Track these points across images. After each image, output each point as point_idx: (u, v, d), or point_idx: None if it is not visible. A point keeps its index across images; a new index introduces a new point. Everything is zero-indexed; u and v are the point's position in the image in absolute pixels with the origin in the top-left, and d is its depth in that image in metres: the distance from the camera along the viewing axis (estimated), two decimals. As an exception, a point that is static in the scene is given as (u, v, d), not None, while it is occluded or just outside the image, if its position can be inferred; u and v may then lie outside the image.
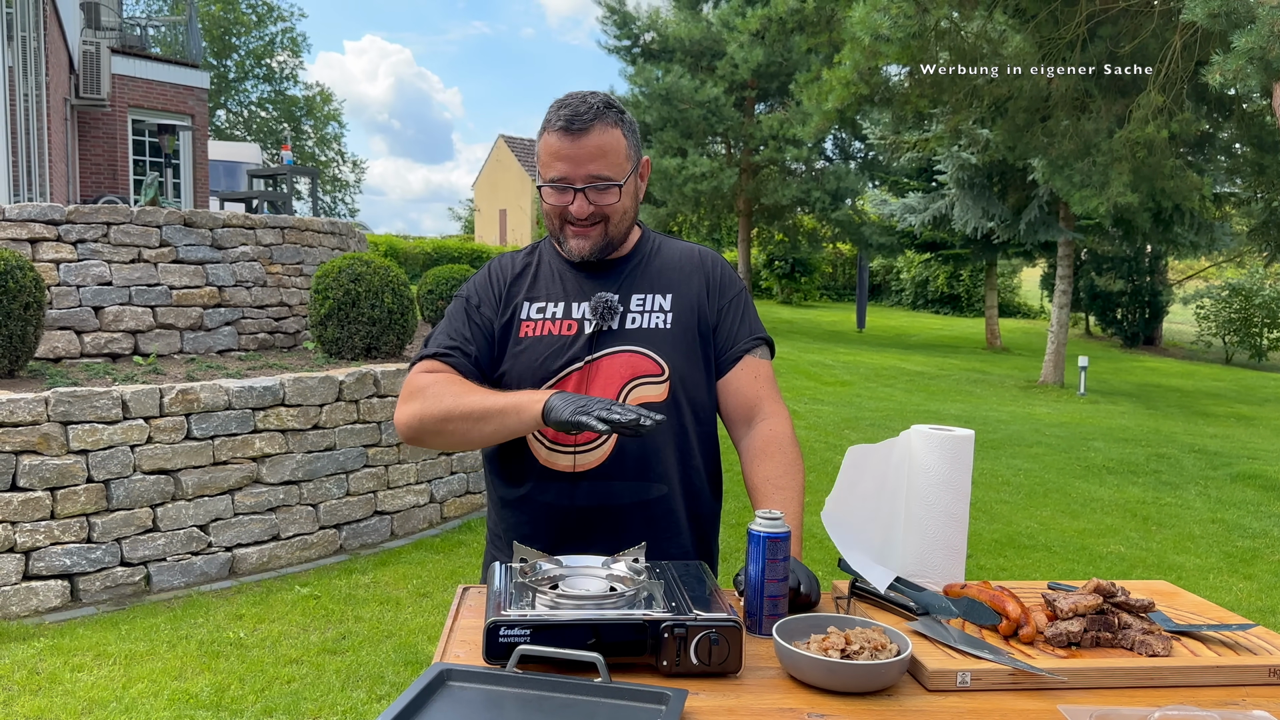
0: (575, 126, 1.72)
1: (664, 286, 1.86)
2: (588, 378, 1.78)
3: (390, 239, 26.38)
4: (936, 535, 1.71)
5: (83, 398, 4.39)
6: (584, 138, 1.73)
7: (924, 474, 1.71)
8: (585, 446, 1.77)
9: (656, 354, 1.80)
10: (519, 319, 1.84)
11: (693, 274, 1.89)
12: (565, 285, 1.86)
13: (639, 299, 1.84)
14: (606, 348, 1.80)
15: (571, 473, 1.78)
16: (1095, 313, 23.74)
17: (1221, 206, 15.94)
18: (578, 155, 1.73)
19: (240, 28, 41.88)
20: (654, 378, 1.80)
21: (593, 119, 1.73)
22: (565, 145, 1.73)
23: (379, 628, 4.27)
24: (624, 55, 23.17)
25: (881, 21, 10.31)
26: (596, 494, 1.78)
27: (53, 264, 6.05)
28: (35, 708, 3.44)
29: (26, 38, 9.57)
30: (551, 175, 1.76)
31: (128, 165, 15.86)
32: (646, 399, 1.79)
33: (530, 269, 1.90)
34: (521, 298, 1.86)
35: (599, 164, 1.74)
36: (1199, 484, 7.95)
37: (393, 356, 6.38)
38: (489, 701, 1.29)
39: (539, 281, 1.88)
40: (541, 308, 1.84)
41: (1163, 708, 1.29)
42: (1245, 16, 7.94)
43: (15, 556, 4.24)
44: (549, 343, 1.81)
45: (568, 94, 1.79)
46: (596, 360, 1.79)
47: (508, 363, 1.83)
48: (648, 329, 1.82)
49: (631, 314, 1.83)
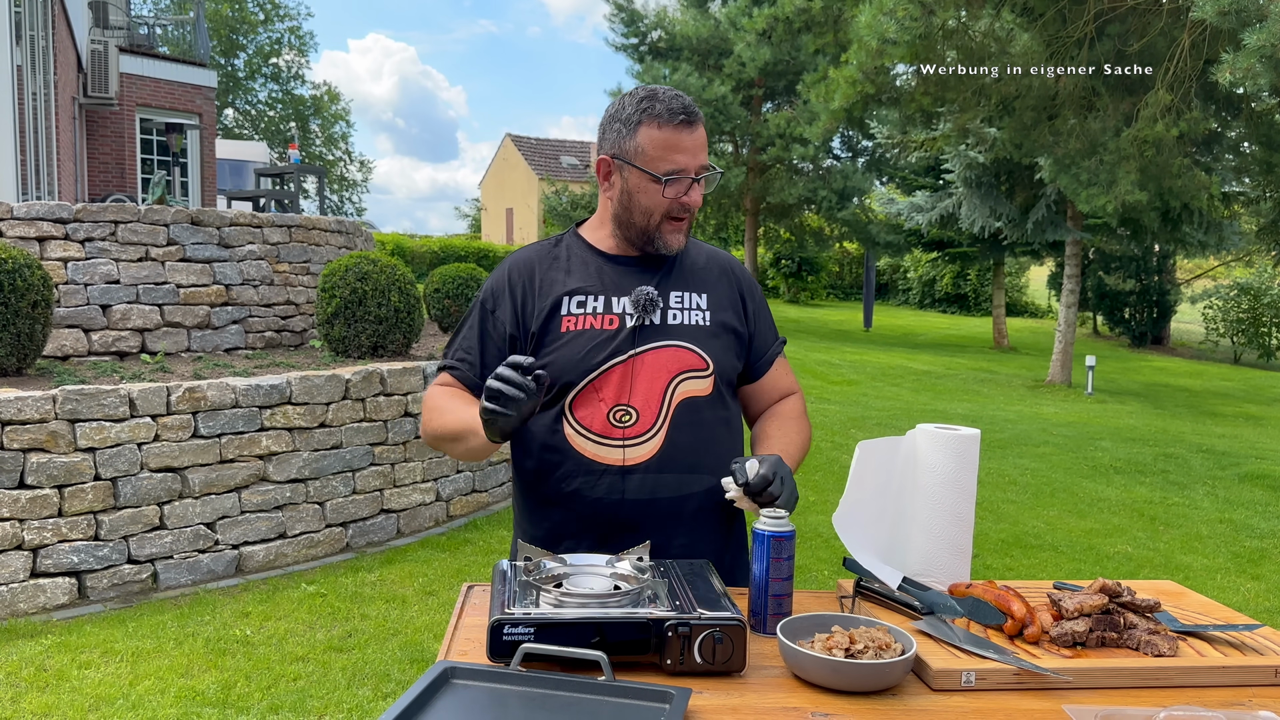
0: (692, 119, 1.77)
1: (699, 286, 1.90)
2: (632, 371, 1.79)
3: (397, 238, 26.42)
4: (942, 535, 1.71)
5: (90, 396, 4.40)
6: (697, 129, 1.78)
7: (930, 473, 1.71)
8: (634, 440, 1.78)
9: (701, 349, 1.83)
10: (559, 314, 1.84)
11: (723, 276, 1.94)
12: (603, 279, 1.86)
13: (677, 296, 1.87)
14: (650, 342, 1.81)
15: (620, 466, 1.78)
16: (1103, 312, 23.66)
17: (1230, 206, 15.88)
18: (693, 147, 1.78)
19: (247, 26, 41.97)
20: (699, 372, 1.82)
21: (697, 113, 1.80)
22: (683, 137, 1.77)
23: (385, 626, 4.28)
24: (631, 53, 23.18)
25: (888, 25, 10.29)
26: (646, 487, 1.78)
27: (60, 262, 6.07)
28: (43, 704, 3.45)
29: (35, 37, 9.60)
30: (669, 168, 1.77)
31: (135, 164, 15.91)
32: (693, 393, 1.81)
33: (561, 262, 1.90)
34: (560, 291, 1.85)
35: (704, 155, 1.80)
36: (1207, 484, 7.92)
37: (399, 355, 6.39)
38: (493, 700, 1.29)
39: (574, 274, 1.87)
40: (581, 301, 1.84)
41: (1168, 708, 1.28)
42: (1255, 15, 7.91)
43: (23, 554, 4.26)
44: (591, 336, 1.81)
45: (647, 89, 1.81)
46: (640, 354, 1.80)
47: (550, 356, 1.82)
48: (689, 325, 1.84)
49: (672, 310, 1.85)
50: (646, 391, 1.79)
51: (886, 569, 1.66)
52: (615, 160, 1.82)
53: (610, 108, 1.85)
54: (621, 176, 1.82)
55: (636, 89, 1.83)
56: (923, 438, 1.73)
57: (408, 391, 5.60)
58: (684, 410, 1.80)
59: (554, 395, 1.81)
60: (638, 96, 1.80)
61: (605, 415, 1.78)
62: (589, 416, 1.79)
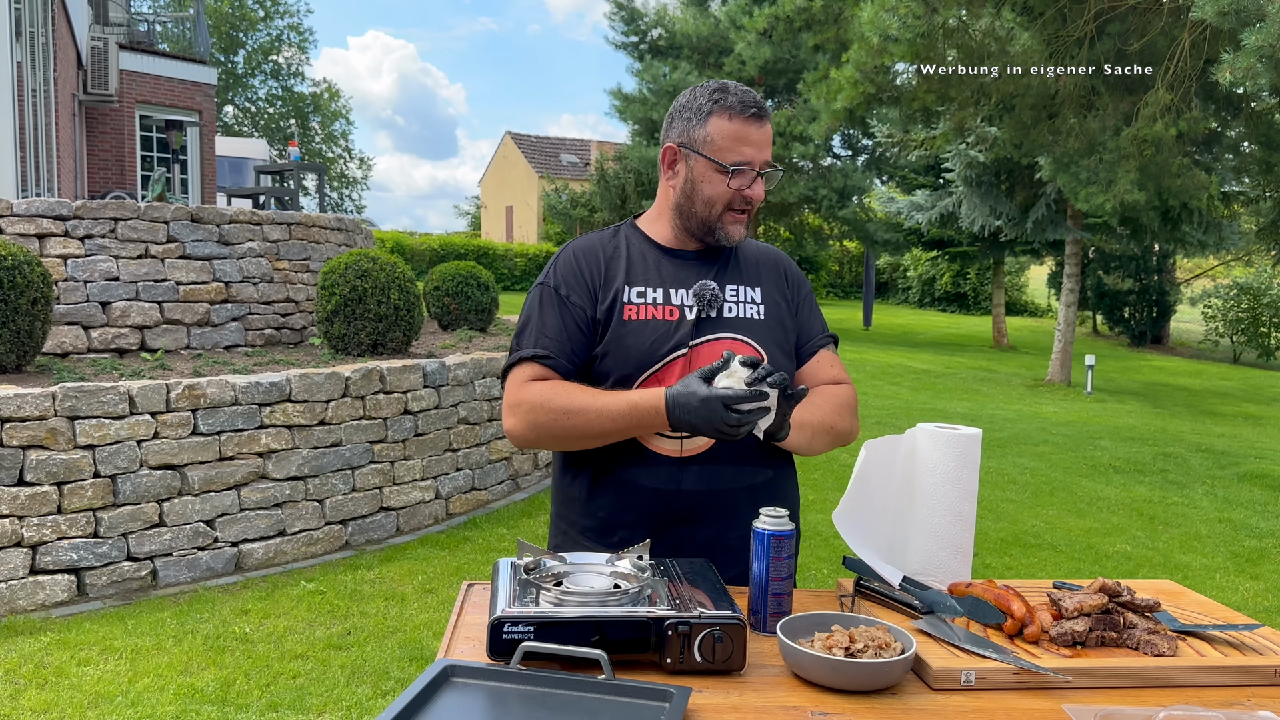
0: (763, 114, 1.80)
1: (752, 279, 1.92)
2: (691, 363, 1.80)
3: (397, 235, 26.42)
4: (943, 534, 1.71)
5: (90, 393, 4.40)
6: (765, 124, 1.81)
7: (930, 472, 1.71)
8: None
9: (756, 342, 1.85)
10: (621, 302, 1.84)
11: (773, 270, 1.97)
12: (661, 272, 1.87)
13: (733, 289, 1.88)
14: (708, 334, 1.82)
15: (678, 457, 1.79)
16: (1103, 311, 23.66)
17: (1230, 205, 15.88)
18: (762, 140, 1.80)
19: (247, 24, 41.94)
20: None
21: (767, 107, 1.83)
22: (752, 130, 1.79)
23: (384, 623, 4.28)
24: (631, 51, 23.18)
25: (890, 22, 10.29)
26: (704, 478, 1.79)
27: (60, 259, 6.07)
28: (42, 701, 3.45)
29: (35, 33, 9.59)
30: (736, 159, 1.78)
31: (135, 161, 15.90)
32: None
33: (620, 252, 1.90)
34: (621, 281, 1.85)
35: (770, 150, 1.83)
36: (1206, 483, 7.93)
37: (399, 353, 6.39)
38: (493, 698, 1.29)
39: (634, 265, 1.88)
40: (641, 292, 1.85)
41: (1168, 708, 1.28)
42: (1255, 14, 7.91)
43: (22, 551, 4.26)
44: (654, 328, 1.81)
45: (717, 83, 1.83)
46: (700, 346, 1.81)
47: (610, 345, 1.81)
48: (745, 319, 1.86)
49: (728, 303, 1.86)
50: None
51: (888, 568, 1.66)
52: (682, 149, 1.83)
53: (680, 98, 1.87)
54: (687, 165, 1.83)
55: (708, 82, 1.84)
56: (924, 437, 1.73)
57: (407, 389, 5.60)
58: None
59: (617, 383, 1.81)
60: (710, 88, 1.82)
61: None
62: None
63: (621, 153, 25.67)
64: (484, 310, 8.04)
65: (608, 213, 27.26)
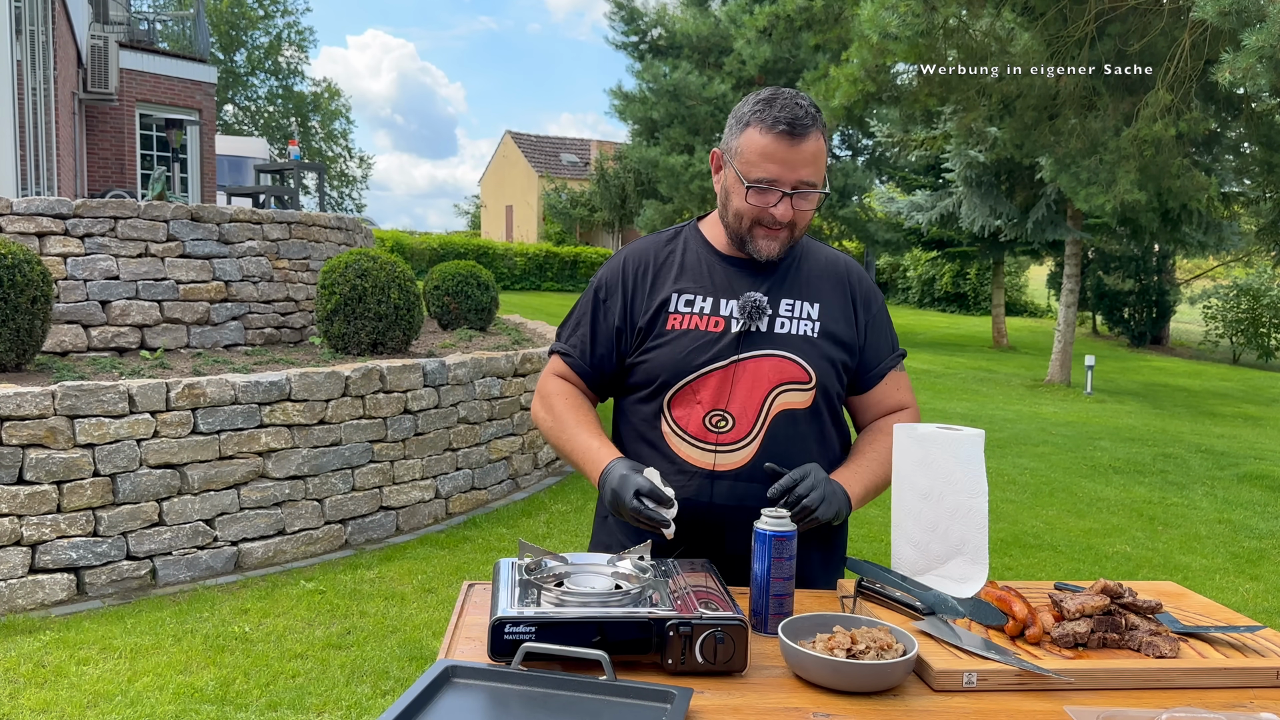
0: (797, 131, 1.70)
1: (812, 295, 1.86)
2: (733, 377, 1.78)
3: (396, 234, 26.41)
4: (967, 540, 1.68)
5: (89, 392, 4.40)
6: (802, 143, 1.71)
7: (943, 481, 1.68)
8: (727, 447, 1.77)
9: (805, 361, 1.80)
10: (666, 311, 1.82)
11: (838, 286, 1.89)
12: (714, 279, 1.84)
13: (788, 304, 1.84)
14: (754, 349, 1.79)
15: (710, 470, 1.78)
16: (1102, 312, 23.66)
17: (1230, 206, 15.88)
18: (793, 160, 1.71)
19: (247, 22, 41.93)
20: (801, 385, 1.80)
21: (810, 125, 1.72)
22: (782, 148, 1.71)
23: (384, 623, 4.28)
24: (631, 51, 23.16)
25: (890, 20, 10.29)
26: (735, 494, 1.78)
27: (60, 258, 6.07)
28: (41, 700, 3.45)
29: (35, 32, 9.58)
30: (760, 175, 1.73)
31: (135, 160, 15.89)
32: (792, 405, 1.79)
33: (675, 257, 1.88)
34: (670, 289, 1.84)
35: (809, 170, 1.73)
36: (1206, 484, 7.93)
37: (399, 352, 6.39)
38: (494, 699, 1.29)
39: (686, 271, 1.86)
40: (690, 300, 1.83)
41: (1170, 709, 1.28)
42: (1255, 15, 7.91)
43: (22, 550, 4.25)
44: (694, 337, 1.80)
45: (772, 90, 1.76)
46: (743, 361, 1.78)
47: (651, 353, 1.82)
48: (796, 335, 1.81)
49: (780, 318, 1.82)
50: (745, 399, 1.77)
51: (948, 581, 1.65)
52: (724, 155, 1.81)
53: (739, 103, 1.83)
54: (725, 173, 1.81)
55: (765, 89, 1.79)
56: (929, 441, 1.70)
57: (407, 389, 5.60)
58: (781, 421, 1.79)
59: (653, 391, 1.82)
60: (759, 96, 1.76)
61: (701, 419, 1.78)
62: (685, 417, 1.79)
63: (621, 152, 25.67)
64: (484, 310, 8.04)
65: (608, 212, 27.24)
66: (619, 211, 26.93)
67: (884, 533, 5.94)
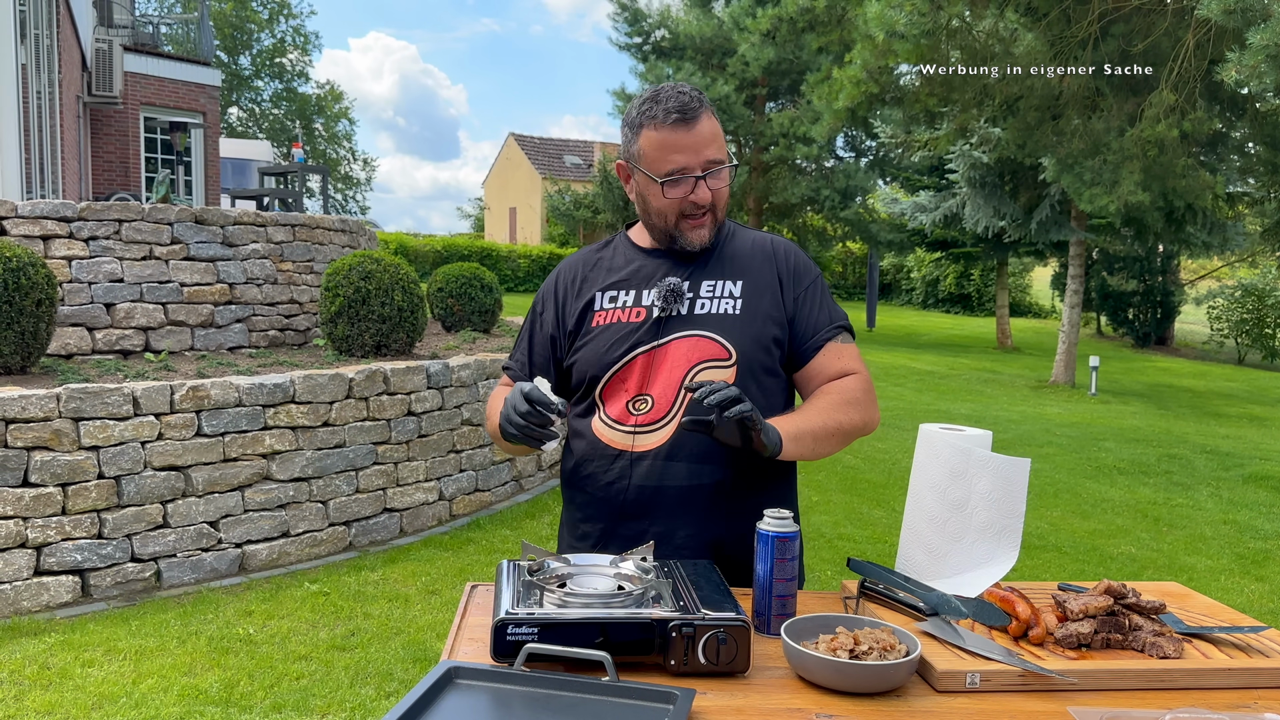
0: (689, 116, 1.75)
1: (735, 273, 1.87)
2: (653, 362, 1.81)
3: (400, 237, 26.45)
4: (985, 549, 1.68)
5: (94, 394, 4.41)
6: (697, 125, 1.75)
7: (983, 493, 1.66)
8: (645, 428, 1.80)
9: (724, 339, 1.82)
10: (593, 310, 1.88)
11: (765, 262, 1.90)
12: (639, 273, 1.89)
13: (709, 285, 1.86)
14: (674, 333, 1.82)
15: (630, 452, 1.81)
16: (1107, 312, 23.61)
17: (1235, 206, 15.84)
18: (695, 144, 1.75)
19: (252, 25, 42.02)
20: (721, 362, 1.81)
21: (699, 106, 1.76)
22: (681, 136, 1.75)
23: (388, 625, 4.28)
24: (634, 53, 23.18)
25: (896, 18, 10.28)
26: (654, 474, 1.79)
27: (65, 261, 6.08)
28: (46, 702, 3.46)
29: (40, 35, 9.61)
30: (669, 169, 1.76)
31: (139, 162, 15.93)
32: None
33: (604, 262, 1.94)
34: (597, 289, 1.89)
35: (712, 149, 1.77)
36: (1211, 485, 7.91)
37: (402, 354, 6.39)
38: (496, 699, 1.29)
39: (614, 272, 1.91)
40: (614, 297, 1.88)
41: (1174, 710, 1.28)
42: (1260, 13, 7.90)
43: (27, 552, 4.26)
44: (615, 330, 1.84)
45: (652, 89, 1.80)
46: (664, 345, 1.81)
47: (579, 352, 1.87)
48: (716, 314, 1.83)
49: (701, 300, 1.85)
50: (665, 381, 1.80)
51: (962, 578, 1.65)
52: (629, 164, 1.84)
53: (626, 111, 1.86)
54: (635, 181, 1.85)
55: (645, 90, 1.82)
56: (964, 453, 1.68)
57: (411, 391, 5.60)
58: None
59: (585, 388, 1.86)
60: (642, 99, 1.81)
61: (625, 404, 1.82)
62: (613, 405, 1.84)
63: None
64: (487, 311, 8.04)
65: (611, 214, 27.23)
66: (622, 213, 26.90)
67: (888, 534, 5.93)
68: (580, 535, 1.88)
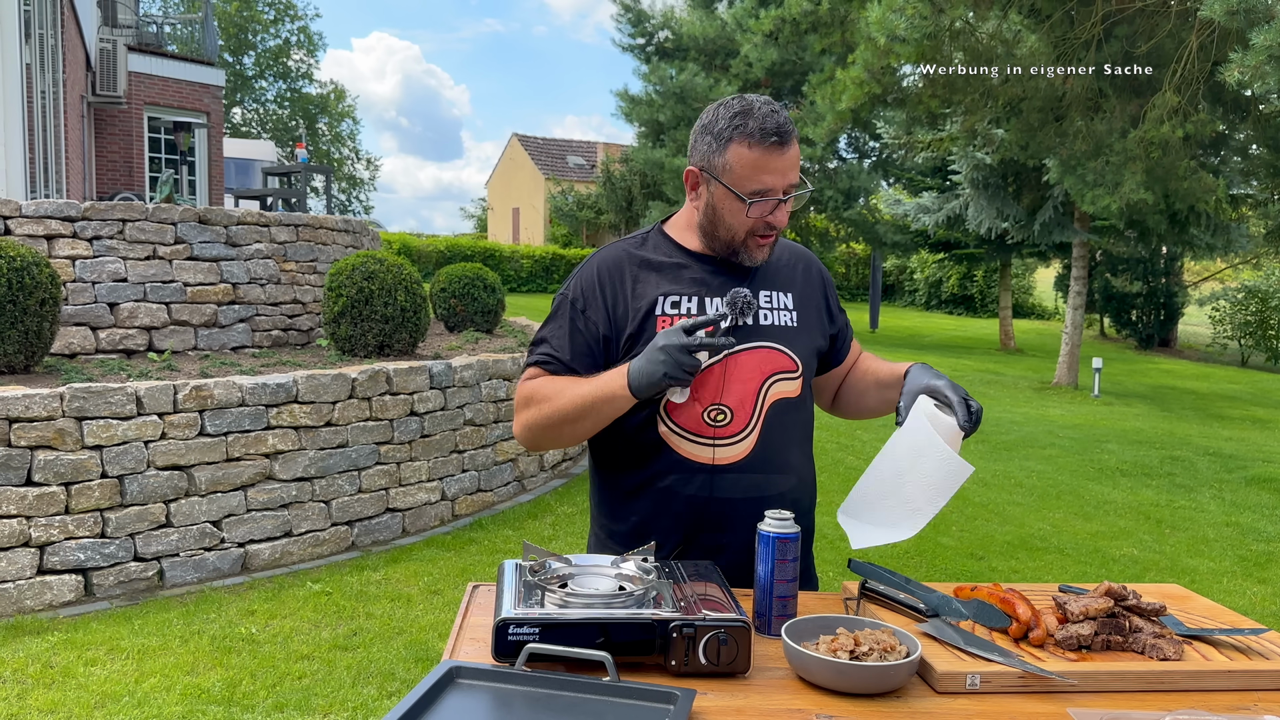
0: (784, 140, 1.72)
1: (784, 285, 1.91)
2: (726, 372, 1.79)
3: (403, 237, 26.47)
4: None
5: (97, 393, 4.42)
6: (789, 149, 1.74)
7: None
8: (726, 440, 1.78)
9: (791, 350, 1.85)
10: (654, 315, 1.82)
11: (806, 274, 1.97)
12: (695, 279, 1.85)
13: (766, 295, 1.87)
14: (743, 343, 1.81)
15: (711, 465, 1.79)
16: (1110, 314, 23.58)
17: (1238, 208, 15.81)
18: (783, 167, 1.74)
19: (257, 26, 42.07)
20: (790, 374, 1.84)
21: (792, 130, 1.74)
22: (773, 158, 1.72)
23: (390, 624, 4.28)
24: (638, 53, 23.19)
25: (898, 22, 10.27)
26: (737, 487, 1.79)
27: (68, 260, 6.09)
28: (49, 701, 3.47)
29: (44, 35, 9.63)
30: (756, 188, 1.73)
31: (143, 162, 15.96)
32: (784, 395, 1.84)
33: (650, 262, 1.88)
34: (655, 292, 1.83)
35: (794, 173, 1.76)
36: (1213, 487, 7.90)
37: (405, 354, 6.40)
38: (498, 699, 1.29)
39: (666, 276, 1.86)
40: (676, 303, 1.83)
41: (1174, 712, 1.28)
42: (1264, 14, 7.89)
43: (30, 551, 4.27)
44: None
45: (739, 100, 1.76)
46: (735, 355, 1.80)
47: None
48: (779, 326, 1.86)
49: (762, 310, 1.85)
50: (741, 392, 1.79)
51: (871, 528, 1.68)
52: (703, 173, 1.79)
53: (703, 116, 1.80)
54: (709, 190, 1.79)
55: (731, 100, 1.77)
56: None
57: (413, 391, 5.61)
58: (775, 411, 1.82)
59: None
60: (732, 110, 1.75)
61: (700, 415, 1.78)
62: (684, 415, 1.79)
63: (627, 155, 25.68)
64: (490, 312, 8.05)
65: (614, 214, 27.24)
66: (625, 214, 26.93)
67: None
68: (650, 547, 1.80)
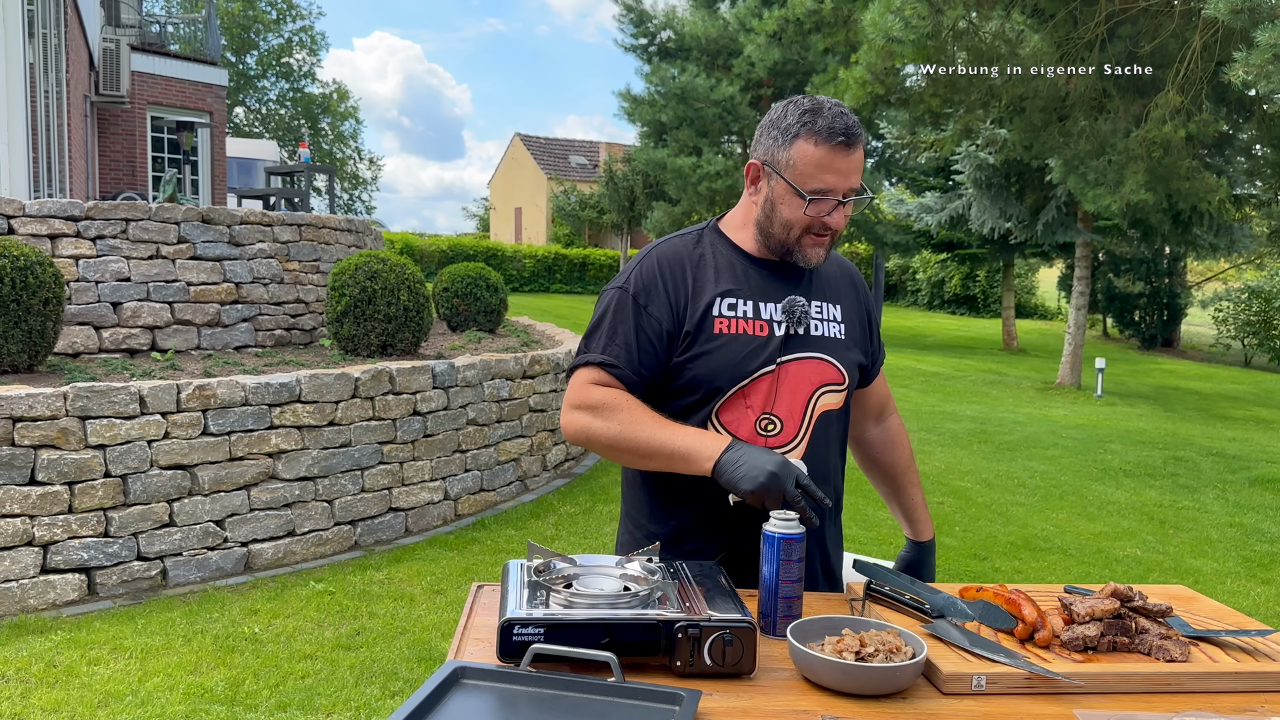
0: (851, 141, 1.71)
1: (833, 296, 1.91)
2: (778, 381, 1.78)
3: (406, 236, 26.50)
4: None
5: (101, 393, 4.42)
6: (855, 151, 1.73)
7: None
8: (777, 450, 1.76)
9: (839, 363, 1.85)
10: (712, 314, 1.79)
11: (850, 288, 1.97)
12: (750, 282, 1.83)
13: (818, 306, 1.87)
14: (795, 352, 1.80)
15: None
16: (1113, 314, 23.56)
17: (1241, 208, 15.79)
18: (847, 169, 1.73)
19: (260, 26, 42.10)
20: (837, 386, 1.84)
21: (859, 133, 1.73)
22: (838, 158, 1.71)
23: (393, 624, 4.28)
24: (640, 53, 23.18)
25: (894, 23, 10.26)
26: None
27: (72, 260, 6.10)
28: (52, 700, 3.47)
29: (47, 35, 9.64)
30: (816, 186, 1.72)
31: (146, 162, 15.97)
32: (830, 406, 1.84)
33: (707, 259, 1.84)
34: (713, 291, 1.80)
35: (857, 177, 1.75)
36: (1217, 487, 7.89)
37: (408, 354, 6.40)
38: (502, 700, 1.29)
39: (722, 274, 1.83)
40: (733, 305, 1.80)
41: (1180, 713, 1.28)
42: (1268, 13, 7.88)
43: (33, 550, 4.28)
44: (744, 342, 1.78)
45: (810, 99, 1.75)
46: (786, 364, 1.79)
47: (701, 358, 1.77)
48: (828, 338, 1.86)
49: (813, 320, 1.84)
50: (790, 402, 1.79)
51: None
52: (766, 167, 1.78)
53: (772, 112, 1.79)
54: (769, 185, 1.78)
55: (801, 98, 1.76)
56: None
57: (416, 390, 5.61)
58: (822, 423, 1.82)
59: (703, 397, 1.78)
60: (802, 107, 1.74)
61: (752, 423, 1.77)
62: (735, 422, 1.77)
63: (630, 154, 25.67)
64: (493, 311, 8.05)
65: (616, 214, 27.23)
66: (627, 214, 26.92)
67: (893, 535, 5.93)
68: (689, 551, 1.80)
